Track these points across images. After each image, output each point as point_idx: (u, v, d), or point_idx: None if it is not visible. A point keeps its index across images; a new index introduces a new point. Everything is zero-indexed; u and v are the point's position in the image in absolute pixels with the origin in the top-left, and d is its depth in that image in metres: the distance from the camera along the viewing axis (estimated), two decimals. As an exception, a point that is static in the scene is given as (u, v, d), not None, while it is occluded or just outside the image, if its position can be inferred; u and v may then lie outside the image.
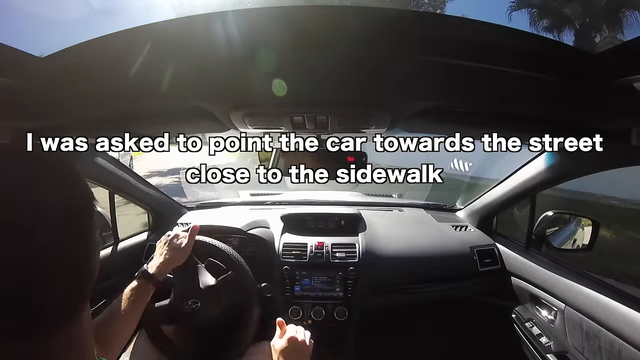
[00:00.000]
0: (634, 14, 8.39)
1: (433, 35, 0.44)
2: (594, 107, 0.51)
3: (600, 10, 8.65)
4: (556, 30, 9.36)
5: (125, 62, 0.49)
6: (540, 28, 9.59)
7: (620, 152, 0.68)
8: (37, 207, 0.28)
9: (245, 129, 0.65)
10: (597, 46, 8.44)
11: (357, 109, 0.58)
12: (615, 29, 8.56)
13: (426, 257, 1.35)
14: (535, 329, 1.15)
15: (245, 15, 0.43)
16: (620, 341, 0.84)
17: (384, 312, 1.34)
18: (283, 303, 1.26)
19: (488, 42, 0.45)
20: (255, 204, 1.78)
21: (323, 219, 1.50)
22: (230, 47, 0.45)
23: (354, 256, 1.31)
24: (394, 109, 0.57)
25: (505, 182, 1.31)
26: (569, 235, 1.22)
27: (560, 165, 0.94)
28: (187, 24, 0.45)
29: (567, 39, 9.18)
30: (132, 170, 1.32)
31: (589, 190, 4.81)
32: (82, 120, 0.64)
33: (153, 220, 1.53)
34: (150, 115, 0.66)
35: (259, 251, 1.36)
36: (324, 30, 0.43)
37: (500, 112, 0.59)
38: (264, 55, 0.46)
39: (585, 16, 8.88)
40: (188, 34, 0.46)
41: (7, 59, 0.50)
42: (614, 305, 0.92)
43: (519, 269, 1.30)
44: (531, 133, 0.67)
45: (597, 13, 8.71)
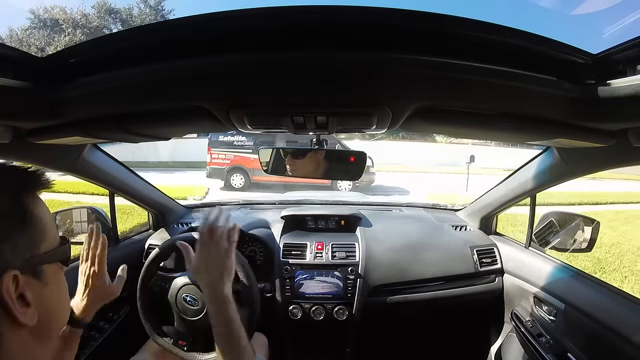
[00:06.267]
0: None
1: (433, 34, 0.44)
2: (592, 107, 0.51)
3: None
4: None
5: (125, 61, 0.49)
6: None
7: (619, 151, 0.68)
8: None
9: (245, 129, 0.65)
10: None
11: (358, 109, 0.58)
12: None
13: (426, 257, 1.35)
14: (535, 329, 1.15)
15: (245, 15, 0.43)
16: (620, 341, 0.84)
17: (384, 312, 1.34)
18: (283, 303, 1.26)
19: (487, 41, 0.45)
20: (255, 204, 1.79)
21: (323, 219, 1.50)
22: (231, 46, 0.45)
23: (354, 256, 1.32)
24: (394, 109, 0.57)
25: (505, 182, 1.31)
26: (568, 235, 1.22)
27: (559, 165, 0.95)
28: (187, 24, 0.45)
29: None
30: (132, 170, 1.31)
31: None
32: (82, 120, 0.64)
33: (153, 220, 1.52)
34: (149, 115, 0.65)
35: (259, 251, 1.36)
36: (324, 29, 0.43)
37: (499, 112, 0.59)
38: (264, 54, 0.46)
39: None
40: (188, 34, 0.46)
41: (8, 59, 0.50)
42: (614, 305, 0.92)
43: (519, 269, 1.30)
44: (530, 133, 0.67)
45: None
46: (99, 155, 1.09)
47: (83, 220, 1.29)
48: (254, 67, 0.47)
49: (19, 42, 14.40)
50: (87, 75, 0.52)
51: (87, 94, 0.54)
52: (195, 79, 0.50)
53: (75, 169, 1.02)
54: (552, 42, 0.46)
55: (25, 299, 0.37)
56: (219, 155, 7.71)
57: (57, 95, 0.55)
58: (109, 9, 16.17)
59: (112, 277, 0.76)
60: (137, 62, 0.49)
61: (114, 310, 1.22)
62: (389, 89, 0.53)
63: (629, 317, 0.86)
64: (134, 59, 0.49)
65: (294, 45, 0.44)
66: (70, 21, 14.94)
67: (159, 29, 0.51)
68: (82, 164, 1.01)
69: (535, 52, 0.47)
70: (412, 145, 14.12)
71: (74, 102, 0.57)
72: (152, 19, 15.81)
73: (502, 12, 19.53)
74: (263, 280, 1.26)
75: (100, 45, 0.53)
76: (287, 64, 0.46)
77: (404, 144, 14.18)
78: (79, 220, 1.29)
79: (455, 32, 0.44)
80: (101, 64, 0.50)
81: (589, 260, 3.87)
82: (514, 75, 0.47)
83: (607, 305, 0.93)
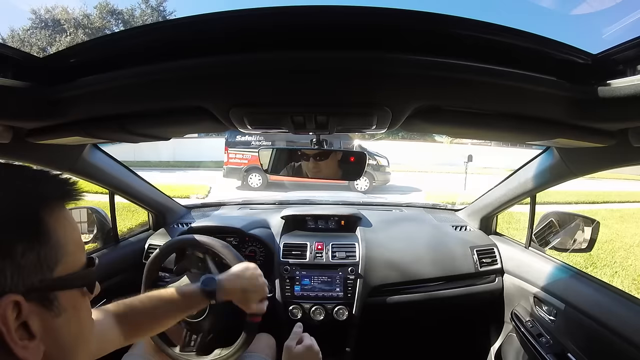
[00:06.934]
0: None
1: (433, 34, 0.44)
2: (592, 107, 0.51)
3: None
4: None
5: (125, 61, 0.49)
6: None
7: (619, 151, 0.68)
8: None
9: (245, 129, 0.65)
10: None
11: (358, 109, 0.58)
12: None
13: (426, 257, 1.35)
14: (535, 329, 1.15)
15: (245, 15, 0.43)
16: (620, 341, 0.84)
17: (384, 312, 1.34)
18: (283, 303, 1.26)
19: (487, 41, 0.45)
20: (255, 204, 1.79)
21: (323, 219, 1.50)
22: (231, 46, 0.45)
23: (354, 256, 1.32)
24: (394, 109, 0.57)
25: (505, 182, 1.31)
26: (568, 235, 1.22)
27: (560, 165, 0.94)
28: (187, 24, 0.45)
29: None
30: (132, 170, 1.32)
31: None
32: (82, 120, 0.64)
33: (153, 220, 1.53)
34: (150, 115, 0.66)
35: (258, 251, 1.36)
36: (324, 29, 0.43)
37: (499, 112, 0.59)
38: (264, 54, 0.46)
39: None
40: (188, 34, 0.46)
41: (8, 59, 0.50)
42: (614, 305, 0.92)
43: (519, 269, 1.30)
44: (530, 133, 0.67)
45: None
46: (99, 155, 1.09)
47: (83, 220, 1.29)
48: (254, 67, 0.47)
49: (21, 42, 14.45)
50: (87, 75, 0.52)
51: (87, 94, 0.54)
52: (195, 79, 0.50)
53: (75, 169, 1.02)
54: (552, 42, 0.46)
55: (28, 329, 0.31)
56: (236, 155, 7.78)
57: (57, 95, 0.55)
58: (111, 10, 16.21)
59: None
60: (137, 62, 0.49)
61: None
62: (389, 89, 0.53)
63: (629, 317, 0.86)
64: (134, 59, 0.49)
65: (294, 45, 0.44)
66: (72, 21, 14.98)
67: (159, 29, 0.51)
68: (82, 164, 1.01)
69: (535, 52, 0.47)
70: (412, 145, 14.14)
71: (74, 102, 0.57)
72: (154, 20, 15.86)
73: (502, 12, 19.57)
74: None
75: (100, 45, 0.53)
76: (287, 64, 0.46)
77: (403, 144, 14.20)
78: (78, 221, 1.29)
79: (455, 32, 0.44)
80: (101, 64, 0.50)
81: (581, 257, 3.91)
82: (513, 76, 0.47)
83: (607, 305, 0.93)
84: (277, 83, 0.51)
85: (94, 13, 15.67)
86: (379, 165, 8.15)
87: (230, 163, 7.85)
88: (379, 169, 8.14)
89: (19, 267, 0.31)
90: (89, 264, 0.38)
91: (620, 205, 7.35)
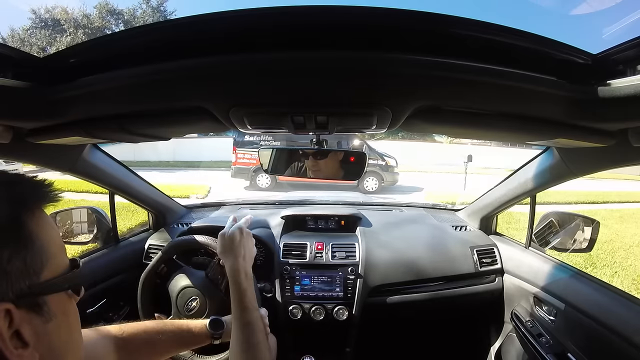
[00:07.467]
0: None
1: (433, 34, 0.44)
2: (592, 107, 0.51)
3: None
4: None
5: (125, 61, 0.49)
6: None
7: (619, 151, 0.68)
8: None
9: (245, 129, 0.65)
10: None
11: (358, 109, 0.58)
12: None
13: (426, 257, 1.35)
14: (535, 329, 1.15)
15: (245, 15, 0.43)
16: (620, 341, 0.84)
17: (384, 312, 1.34)
18: (283, 303, 1.26)
19: (487, 41, 0.45)
20: (255, 204, 1.79)
21: (323, 219, 1.50)
22: (231, 46, 0.45)
23: (354, 256, 1.32)
24: (394, 109, 0.57)
25: (505, 182, 1.31)
26: (568, 235, 1.22)
27: (559, 165, 0.95)
28: (187, 24, 0.45)
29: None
30: (132, 170, 1.31)
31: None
32: (82, 120, 0.64)
33: (153, 220, 1.53)
34: (150, 115, 0.65)
35: (258, 251, 1.36)
36: (324, 29, 0.43)
37: (499, 112, 0.59)
38: (264, 54, 0.46)
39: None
40: (188, 34, 0.46)
41: (7, 59, 0.50)
42: (614, 305, 0.92)
43: (519, 269, 1.30)
44: (531, 133, 0.67)
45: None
46: (99, 155, 1.09)
47: (83, 220, 1.29)
48: (254, 67, 0.47)
49: (21, 42, 14.44)
50: (87, 75, 0.52)
51: (87, 94, 0.54)
52: (195, 79, 0.50)
53: (76, 169, 1.02)
54: (552, 42, 0.46)
55: (22, 337, 0.31)
56: (244, 155, 7.77)
57: (57, 95, 0.54)
58: (111, 10, 16.21)
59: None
60: (137, 62, 0.49)
61: (114, 310, 1.22)
62: (389, 89, 0.53)
63: (629, 317, 0.86)
64: (134, 59, 0.49)
65: (294, 46, 0.44)
66: (72, 21, 14.97)
67: (159, 29, 0.51)
68: (82, 164, 1.01)
69: (535, 52, 0.47)
70: (412, 145, 14.14)
71: (74, 102, 0.57)
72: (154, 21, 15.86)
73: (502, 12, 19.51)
74: (263, 280, 1.26)
75: (100, 45, 0.53)
76: (287, 64, 0.46)
77: (403, 144, 14.19)
78: (78, 221, 1.29)
79: (455, 32, 0.44)
80: (101, 64, 0.50)
81: (581, 257, 3.92)
82: (513, 76, 0.47)
83: (607, 305, 0.93)
84: (277, 83, 0.51)
85: (94, 13, 15.68)
86: (388, 166, 8.14)
87: (239, 163, 7.84)
88: (387, 169, 8.13)
89: (5, 274, 0.30)
90: (73, 266, 0.38)
91: (620, 206, 7.37)
